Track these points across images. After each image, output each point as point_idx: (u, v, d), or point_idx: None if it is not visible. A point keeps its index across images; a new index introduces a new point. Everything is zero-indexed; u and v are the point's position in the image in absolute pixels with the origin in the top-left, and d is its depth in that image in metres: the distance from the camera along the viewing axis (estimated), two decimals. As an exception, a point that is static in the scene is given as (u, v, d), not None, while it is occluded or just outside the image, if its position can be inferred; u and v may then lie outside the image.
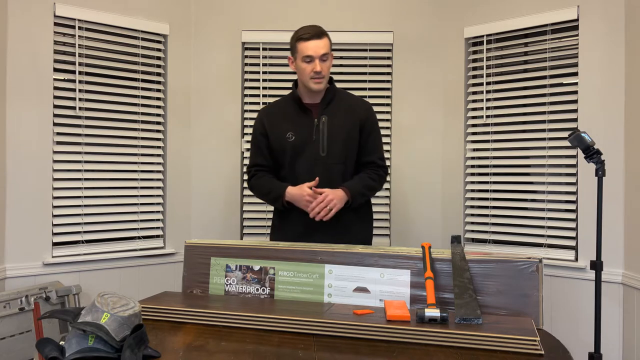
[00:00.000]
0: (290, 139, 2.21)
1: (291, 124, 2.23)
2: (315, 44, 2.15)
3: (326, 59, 2.17)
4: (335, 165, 2.20)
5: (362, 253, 1.76)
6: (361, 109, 2.26)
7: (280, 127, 2.24)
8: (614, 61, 2.55)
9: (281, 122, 2.25)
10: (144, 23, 3.01)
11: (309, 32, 2.16)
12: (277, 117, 2.27)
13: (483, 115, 3.00)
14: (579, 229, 2.65)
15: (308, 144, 2.20)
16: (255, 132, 2.31)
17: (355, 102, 2.29)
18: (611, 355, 2.54)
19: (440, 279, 1.67)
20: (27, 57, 2.63)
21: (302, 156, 2.21)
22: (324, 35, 2.18)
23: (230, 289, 1.84)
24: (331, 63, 2.22)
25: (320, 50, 2.15)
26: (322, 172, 2.18)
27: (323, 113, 2.22)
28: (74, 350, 1.24)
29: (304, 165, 2.21)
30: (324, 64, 2.17)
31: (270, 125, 2.26)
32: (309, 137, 2.20)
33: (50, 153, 2.71)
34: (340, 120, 2.22)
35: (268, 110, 2.33)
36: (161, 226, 3.14)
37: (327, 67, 2.18)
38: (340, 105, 2.25)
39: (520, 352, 1.33)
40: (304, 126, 2.22)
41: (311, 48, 2.15)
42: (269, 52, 3.23)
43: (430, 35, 3.17)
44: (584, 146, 1.90)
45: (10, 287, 2.56)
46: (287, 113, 2.26)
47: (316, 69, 2.14)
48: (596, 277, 1.93)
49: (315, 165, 2.19)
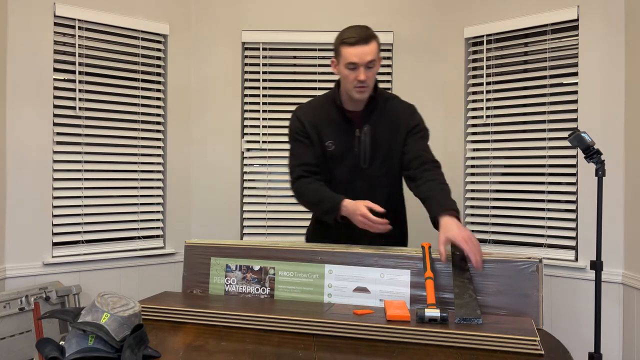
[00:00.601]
0: (330, 148, 2.01)
1: (331, 132, 2.01)
2: (360, 50, 1.88)
3: (372, 66, 1.91)
4: (378, 178, 2.02)
5: (362, 253, 1.76)
6: (403, 119, 2.03)
7: (319, 134, 2.02)
8: (614, 61, 2.55)
9: (321, 128, 2.02)
10: (144, 23, 3.01)
11: (354, 35, 1.89)
12: (316, 121, 2.03)
13: (483, 115, 3.00)
14: (579, 229, 2.65)
15: (348, 155, 2.01)
16: (296, 131, 2.06)
17: (398, 111, 2.05)
18: (611, 355, 2.53)
19: (440, 279, 1.67)
20: (27, 57, 2.63)
21: (342, 167, 2.02)
22: (372, 40, 1.90)
23: (230, 289, 1.84)
24: (378, 69, 1.96)
25: (366, 57, 1.88)
26: (363, 184, 2.01)
27: (366, 122, 2.00)
28: (74, 350, 1.24)
29: (343, 176, 2.02)
30: (370, 71, 1.91)
31: (310, 129, 2.03)
32: (349, 147, 2.00)
33: (50, 153, 2.71)
34: (384, 130, 2.01)
35: (307, 112, 2.07)
36: (161, 226, 3.14)
37: (372, 75, 1.93)
38: (385, 113, 2.03)
39: (520, 352, 1.33)
40: (345, 136, 2.01)
41: (356, 54, 1.88)
42: (269, 52, 3.23)
43: (430, 35, 3.16)
44: (584, 146, 1.90)
45: (10, 287, 2.56)
46: (327, 119, 2.03)
47: (360, 78, 1.89)
48: (596, 277, 1.93)
49: (355, 178, 2.02)
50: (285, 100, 3.23)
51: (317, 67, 3.23)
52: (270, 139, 3.22)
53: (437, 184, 1.88)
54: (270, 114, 3.22)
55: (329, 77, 3.23)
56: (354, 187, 2.00)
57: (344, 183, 2.01)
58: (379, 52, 1.94)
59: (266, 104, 3.22)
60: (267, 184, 3.23)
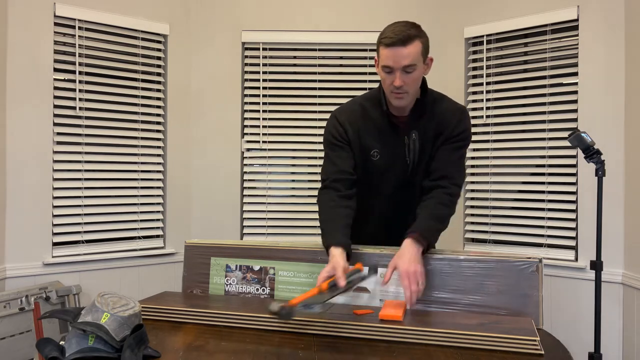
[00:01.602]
0: (375, 157, 1.81)
1: (377, 139, 1.80)
2: (396, 52, 1.64)
3: (412, 71, 1.66)
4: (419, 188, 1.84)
5: (362, 253, 1.76)
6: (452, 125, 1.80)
7: (364, 140, 1.81)
8: (614, 61, 2.55)
9: (365, 134, 1.81)
10: (144, 23, 3.01)
11: (392, 35, 1.65)
12: (360, 126, 1.82)
13: (483, 115, 3.00)
14: (579, 229, 2.65)
15: (396, 166, 1.82)
16: (336, 136, 1.83)
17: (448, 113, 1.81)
18: (611, 355, 2.53)
19: (440, 279, 1.67)
20: (27, 57, 2.63)
21: (385, 177, 1.84)
22: (413, 40, 1.65)
23: (230, 289, 1.84)
24: (422, 72, 1.72)
25: (403, 60, 1.64)
26: (406, 193, 1.85)
27: (413, 128, 1.79)
28: (74, 350, 1.24)
29: (385, 186, 1.85)
30: (408, 76, 1.67)
31: (353, 135, 1.81)
32: (398, 157, 1.81)
33: (50, 153, 2.71)
34: (430, 135, 1.80)
35: (349, 115, 1.84)
36: (161, 226, 3.14)
37: (412, 80, 1.68)
38: (433, 117, 1.80)
39: (520, 352, 1.33)
40: (392, 144, 1.80)
41: (391, 57, 1.65)
42: (269, 52, 3.23)
43: (430, 35, 3.14)
44: (584, 146, 1.90)
45: (10, 287, 2.56)
46: (371, 123, 1.81)
47: (395, 83, 1.67)
48: (596, 277, 1.93)
49: (398, 188, 1.85)
50: (285, 100, 3.23)
51: (317, 67, 3.23)
52: (270, 139, 3.22)
53: (433, 205, 1.73)
54: (270, 114, 3.22)
55: (329, 77, 3.23)
56: (395, 197, 1.85)
57: (385, 193, 1.86)
58: (425, 54, 1.71)
59: (266, 104, 3.22)
60: (267, 184, 3.23)
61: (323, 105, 3.19)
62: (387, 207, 1.90)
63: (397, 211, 1.89)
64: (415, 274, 1.54)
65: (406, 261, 1.56)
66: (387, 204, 1.88)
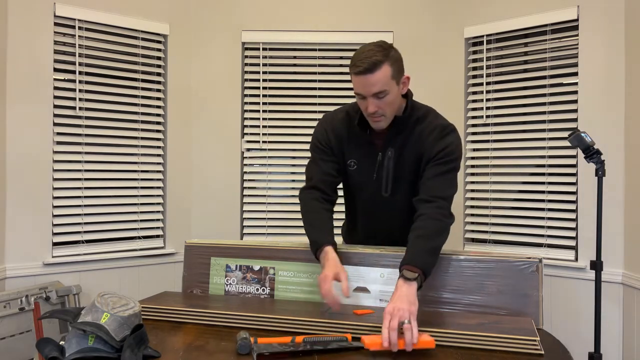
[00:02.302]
0: (352, 167, 1.81)
1: (354, 150, 1.81)
2: (364, 80, 1.61)
3: (383, 96, 1.63)
4: (400, 209, 1.80)
5: (362, 253, 1.76)
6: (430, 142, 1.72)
7: (344, 149, 1.82)
8: (614, 61, 2.55)
9: (346, 144, 1.81)
10: (144, 23, 3.01)
11: (359, 63, 1.61)
12: (342, 136, 1.82)
13: (483, 115, 3.00)
14: (579, 229, 2.65)
15: (369, 181, 1.80)
16: (320, 140, 1.83)
17: (428, 130, 1.74)
18: (611, 355, 2.54)
19: (440, 279, 1.67)
20: (27, 57, 2.63)
21: (363, 193, 1.84)
22: (381, 66, 1.60)
23: (230, 289, 1.84)
24: (398, 92, 1.69)
25: (372, 88, 1.61)
26: (385, 213, 1.83)
27: (389, 145, 1.75)
28: (74, 350, 1.24)
29: (364, 204, 1.86)
30: (381, 101, 1.64)
31: (336, 143, 1.82)
32: (370, 173, 1.79)
33: (50, 153, 2.71)
34: (410, 154, 1.75)
35: (334, 124, 1.84)
36: (161, 226, 3.14)
37: (386, 104, 1.65)
38: (413, 136, 1.74)
39: (520, 352, 1.33)
40: (367, 158, 1.79)
41: (360, 85, 1.63)
42: (269, 52, 3.23)
43: (430, 35, 3.17)
44: (584, 146, 1.90)
45: (10, 287, 2.56)
46: (352, 134, 1.80)
47: (369, 110, 1.65)
48: (596, 277, 1.93)
49: (376, 205, 1.83)
50: (285, 100, 3.23)
51: (317, 67, 3.23)
52: (270, 139, 3.22)
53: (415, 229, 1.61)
54: (270, 114, 3.22)
55: (329, 77, 3.23)
56: (375, 213, 1.84)
57: (364, 213, 1.87)
58: (397, 75, 1.65)
59: (266, 104, 3.22)
60: (267, 184, 3.24)
61: (323, 106, 3.19)
62: (370, 220, 1.89)
63: (379, 226, 1.88)
64: (396, 314, 1.36)
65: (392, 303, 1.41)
66: (369, 217, 1.88)
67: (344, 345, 1.34)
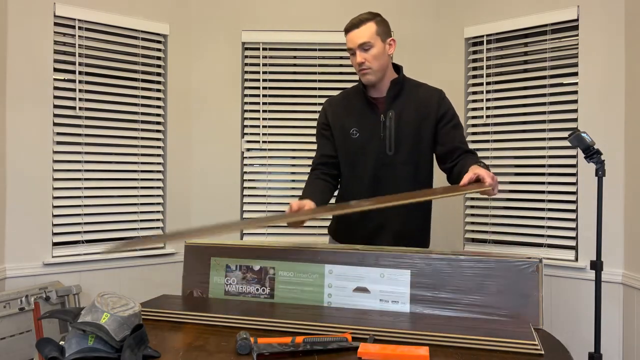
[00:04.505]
0: (355, 135, 2.01)
1: (355, 119, 2.02)
2: (352, 35, 1.95)
3: (369, 48, 1.93)
4: (404, 166, 1.98)
5: (362, 253, 1.76)
6: (431, 103, 2.00)
7: (344, 122, 2.04)
8: (614, 61, 2.55)
9: (345, 116, 2.05)
10: (144, 23, 3.01)
11: (348, 24, 1.99)
12: (341, 110, 2.07)
13: (483, 115, 3.00)
14: (579, 229, 2.65)
15: (373, 142, 1.99)
16: (319, 122, 2.12)
17: (425, 95, 2.02)
18: (611, 355, 2.54)
19: (440, 279, 1.67)
20: (27, 57, 2.63)
21: (367, 155, 2.00)
22: (366, 22, 1.95)
23: (230, 289, 1.84)
24: (383, 50, 1.96)
25: (357, 40, 1.93)
26: (388, 172, 1.99)
27: (390, 108, 1.99)
28: (74, 350, 1.24)
29: (368, 165, 2.00)
30: (367, 53, 1.93)
31: (333, 119, 2.07)
32: (374, 134, 1.99)
33: (50, 153, 2.71)
34: (410, 116, 1.98)
35: (332, 102, 2.12)
36: (161, 226, 3.14)
37: (371, 57, 1.93)
38: (412, 98, 2.01)
39: (520, 352, 1.33)
40: (369, 122, 2.00)
41: (349, 40, 1.97)
42: (269, 52, 3.23)
43: (431, 35, 3.16)
44: (584, 146, 1.90)
45: (10, 287, 2.56)
46: (352, 106, 2.05)
47: (357, 61, 1.94)
48: (596, 277, 1.93)
49: (381, 166, 1.99)
50: (285, 100, 3.23)
51: (317, 67, 3.23)
52: (270, 139, 3.22)
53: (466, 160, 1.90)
54: (270, 114, 3.22)
55: (329, 77, 3.23)
56: (378, 176, 1.98)
57: (369, 172, 2.00)
58: (383, 34, 1.97)
59: (266, 104, 3.22)
60: (267, 184, 3.23)
61: (323, 105, 3.19)
62: (369, 188, 2.01)
63: (378, 194, 1.99)
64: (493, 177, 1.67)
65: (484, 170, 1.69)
66: (369, 185, 2.00)
67: (344, 345, 1.34)
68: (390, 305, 1.67)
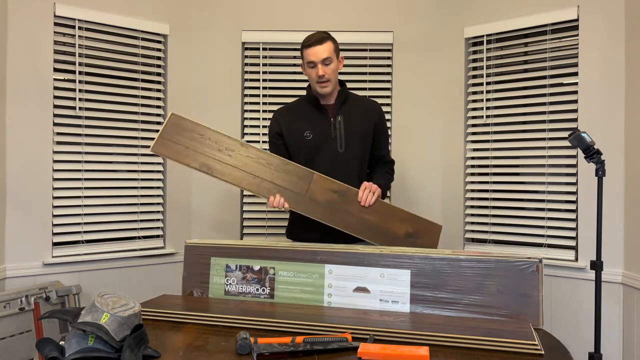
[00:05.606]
0: (308, 137, 2.27)
1: (308, 123, 2.29)
2: (315, 49, 2.21)
3: (329, 63, 2.22)
4: (353, 160, 2.29)
5: (362, 253, 1.76)
6: (374, 111, 2.37)
7: (297, 127, 2.30)
8: (614, 61, 2.55)
9: (298, 122, 2.31)
10: (144, 23, 3.01)
11: (310, 39, 2.23)
12: (293, 117, 2.33)
13: (483, 115, 3.00)
14: (579, 229, 2.65)
15: (326, 142, 2.27)
16: (271, 132, 2.36)
17: (368, 104, 2.39)
18: (611, 355, 2.54)
19: (440, 279, 1.67)
20: (27, 57, 2.63)
21: (321, 154, 2.27)
22: (326, 40, 2.23)
23: (230, 289, 1.84)
24: (337, 66, 2.28)
25: (321, 54, 2.20)
26: (341, 167, 2.25)
27: (338, 113, 2.29)
28: (74, 350, 1.24)
29: (323, 162, 2.26)
30: (327, 67, 2.22)
31: (286, 125, 2.32)
32: (327, 134, 2.27)
33: (50, 153, 2.71)
34: (356, 119, 2.30)
35: (283, 111, 2.39)
36: (161, 226, 3.14)
37: (331, 71, 2.23)
38: (354, 106, 2.34)
39: (520, 352, 1.33)
40: (321, 124, 2.28)
41: (312, 54, 2.21)
42: (269, 52, 3.23)
43: (430, 35, 3.16)
44: (584, 146, 1.90)
45: (10, 287, 2.56)
46: (304, 113, 2.32)
47: (319, 73, 2.21)
48: (596, 277, 1.93)
49: (335, 162, 2.26)
50: (285, 100, 3.22)
51: (317, 67, 3.22)
52: (270, 139, 3.22)
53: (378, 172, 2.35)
54: (270, 114, 3.22)
55: (329, 77, 3.22)
56: (335, 173, 2.19)
57: (324, 170, 2.20)
58: (337, 52, 2.27)
59: (266, 104, 3.22)
60: (267, 184, 3.23)
61: (323, 105, 3.19)
62: None
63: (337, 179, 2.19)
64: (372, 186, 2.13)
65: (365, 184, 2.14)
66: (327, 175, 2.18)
67: (344, 345, 1.34)
68: (390, 305, 1.67)
